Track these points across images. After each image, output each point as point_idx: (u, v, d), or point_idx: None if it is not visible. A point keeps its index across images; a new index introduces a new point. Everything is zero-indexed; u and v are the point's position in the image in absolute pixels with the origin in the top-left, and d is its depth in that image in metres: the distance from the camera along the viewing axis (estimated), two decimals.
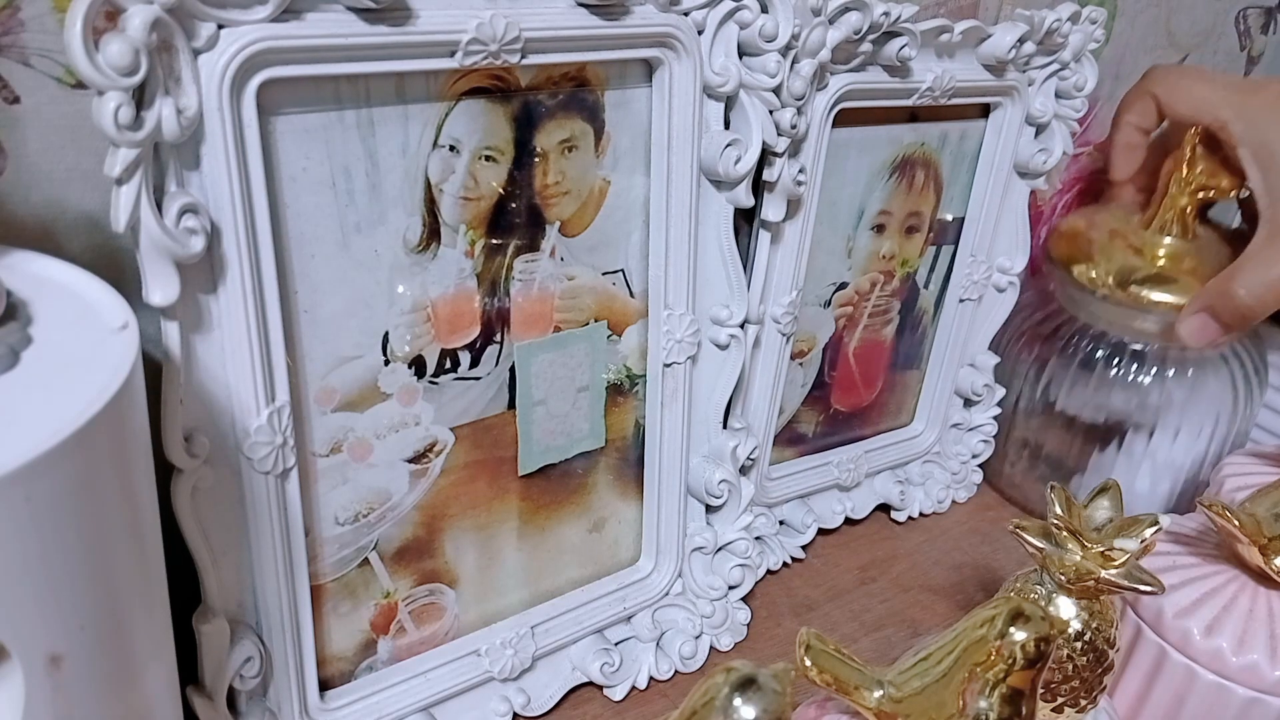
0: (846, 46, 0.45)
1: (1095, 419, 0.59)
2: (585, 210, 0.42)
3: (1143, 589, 0.37)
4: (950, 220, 0.58)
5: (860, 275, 0.56)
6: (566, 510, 0.47)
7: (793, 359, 0.55)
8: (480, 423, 0.42)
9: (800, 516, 0.57)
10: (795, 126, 0.44)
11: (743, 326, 0.47)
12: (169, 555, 0.30)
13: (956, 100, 0.52)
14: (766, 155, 0.44)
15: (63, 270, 0.29)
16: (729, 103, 0.43)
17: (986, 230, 0.58)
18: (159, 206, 0.30)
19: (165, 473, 0.33)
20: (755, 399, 0.52)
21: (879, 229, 0.55)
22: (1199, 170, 0.55)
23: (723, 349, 0.47)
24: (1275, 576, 0.42)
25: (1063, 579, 0.38)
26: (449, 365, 0.40)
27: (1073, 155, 0.61)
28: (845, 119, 0.48)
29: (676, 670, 0.49)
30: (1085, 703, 0.39)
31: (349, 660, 0.42)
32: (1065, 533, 0.38)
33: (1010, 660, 0.29)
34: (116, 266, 0.35)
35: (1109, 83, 0.67)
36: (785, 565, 0.57)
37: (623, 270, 0.44)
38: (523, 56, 0.36)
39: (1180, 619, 0.42)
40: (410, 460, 0.41)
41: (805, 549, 0.58)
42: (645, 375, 0.47)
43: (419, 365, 0.40)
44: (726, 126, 0.43)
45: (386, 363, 0.39)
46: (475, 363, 0.41)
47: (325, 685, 0.41)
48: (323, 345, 0.37)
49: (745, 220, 0.48)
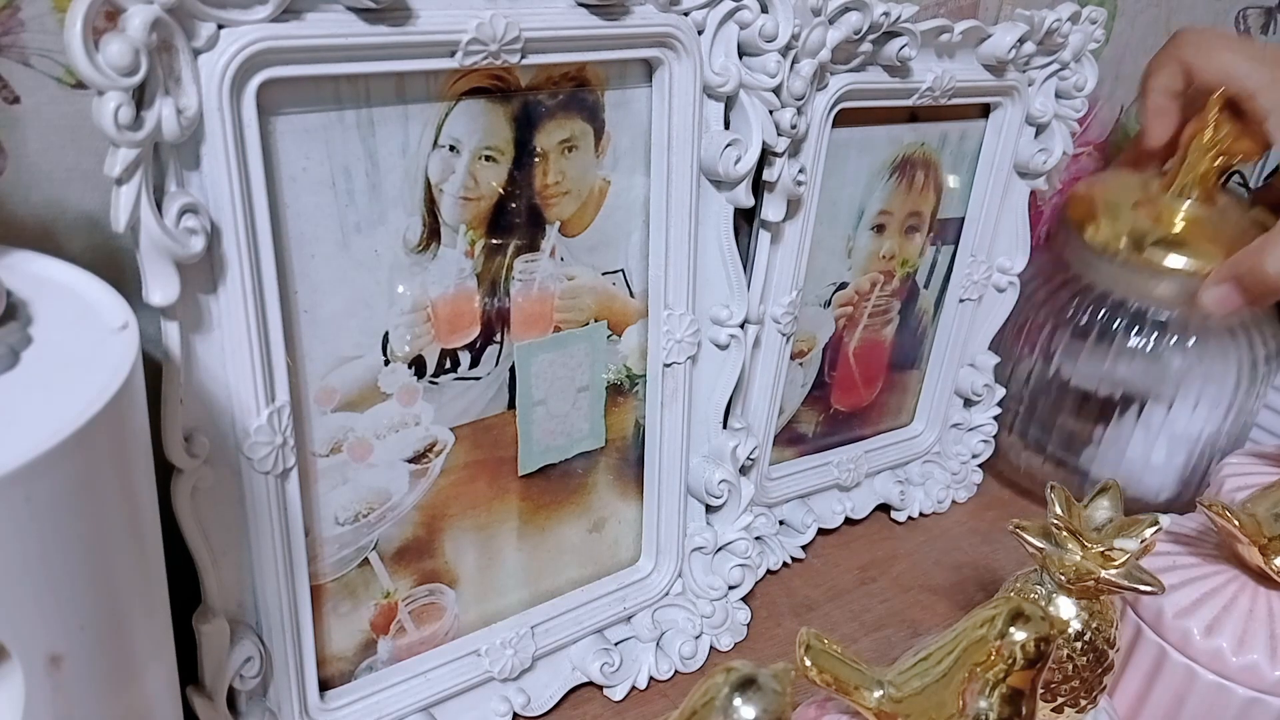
0: (846, 46, 0.45)
1: (1103, 390, 0.58)
2: (585, 210, 0.42)
3: (1143, 589, 0.37)
4: (950, 219, 0.58)
5: (860, 275, 0.56)
6: (566, 510, 0.47)
7: (793, 359, 0.55)
8: (480, 423, 0.42)
9: (800, 516, 0.57)
10: (795, 126, 0.44)
11: (743, 326, 0.47)
12: (169, 555, 0.30)
13: (956, 100, 0.52)
14: (766, 155, 0.44)
15: (63, 270, 0.29)
16: (729, 103, 0.43)
17: (986, 230, 0.58)
18: (159, 206, 0.30)
19: (165, 473, 0.33)
20: (755, 399, 0.52)
21: (879, 229, 0.55)
22: (1222, 135, 0.54)
23: (723, 349, 0.47)
24: (1275, 576, 0.42)
25: (1063, 579, 0.38)
26: (449, 365, 0.40)
27: (1073, 155, 0.60)
28: (845, 119, 0.48)
29: (676, 670, 0.49)
30: (1085, 703, 0.39)
31: (349, 660, 0.42)
32: (1065, 533, 0.38)
33: (1010, 660, 0.29)
34: (116, 266, 0.35)
35: (1109, 83, 0.67)
36: (785, 565, 0.57)
37: (623, 270, 0.44)
38: (523, 56, 0.36)
39: (1180, 619, 0.42)
40: (410, 460, 0.41)
41: (805, 549, 0.58)
42: (645, 375, 0.47)
43: (419, 365, 0.40)
44: (726, 126, 0.43)
45: (386, 363, 0.39)
46: (475, 363, 0.41)
47: (325, 685, 0.41)
48: (323, 345, 0.37)
49: (745, 220, 0.48)
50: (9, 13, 0.32)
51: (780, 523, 0.57)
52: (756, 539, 0.52)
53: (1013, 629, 0.29)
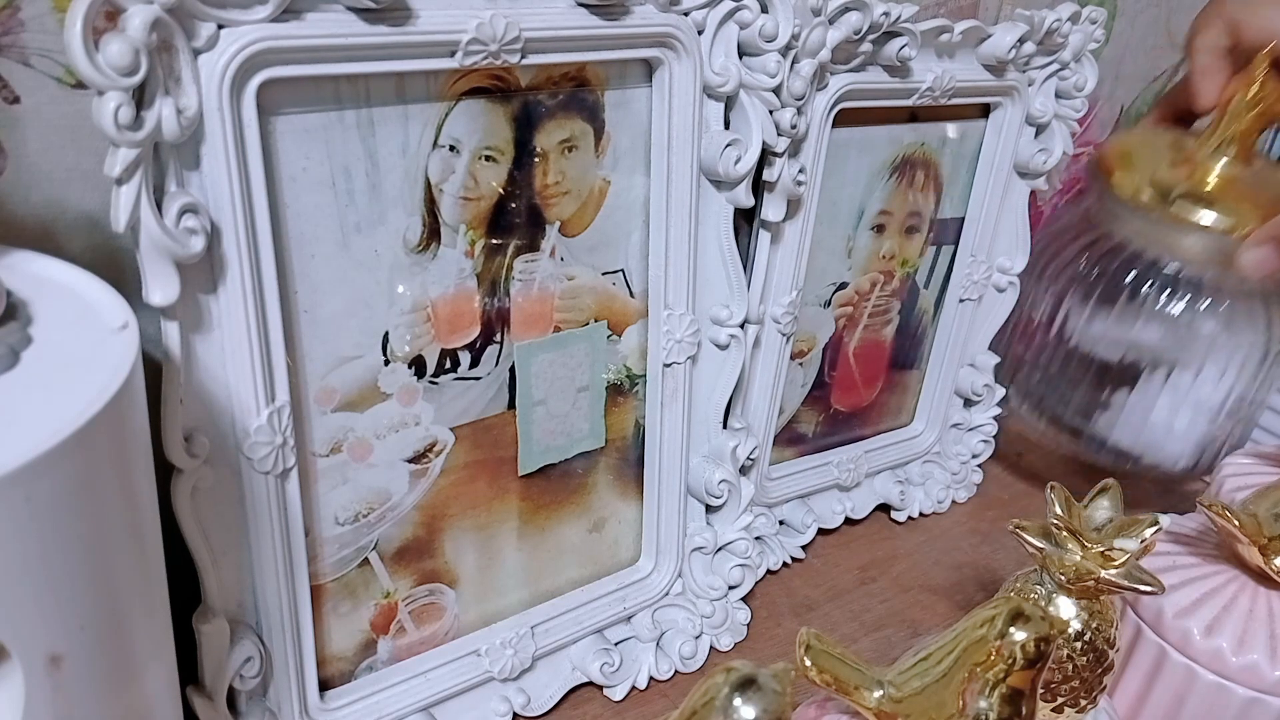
0: (846, 46, 0.45)
1: (1129, 355, 0.57)
2: (585, 210, 0.42)
3: (1143, 589, 0.37)
4: (950, 219, 0.58)
5: (860, 275, 0.56)
6: (566, 510, 0.47)
7: (793, 359, 0.55)
8: (480, 423, 0.42)
9: (800, 516, 0.57)
10: (795, 126, 0.44)
11: (743, 326, 0.47)
12: (169, 555, 0.30)
13: (956, 100, 0.52)
14: (766, 155, 0.44)
15: (63, 270, 0.29)
16: (729, 103, 0.43)
17: (986, 230, 0.58)
18: (159, 206, 0.30)
19: (165, 473, 0.33)
20: (755, 399, 0.52)
21: (879, 229, 0.55)
22: (1265, 93, 0.53)
23: (723, 349, 0.47)
24: (1275, 576, 0.42)
25: (1063, 579, 0.38)
26: (449, 365, 0.40)
27: (1073, 155, 0.60)
28: (845, 119, 0.48)
29: (676, 670, 0.49)
30: (1085, 703, 0.39)
31: (349, 660, 0.42)
32: (1065, 533, 0.38)
33: (1010, 660, 0.29)
34: (116, 266, 0.35)
35: (1109, 83, 0.67)
36: (785, 565, 0.57)
37: (623, 270, 0.44)
38: (523, 56, 0.36)
39: (1180, 619, 0.42)
40: (410, 460, 0.41)
41: (805, 549, 0.58)
42: (645, 375, 0.47)
43: (419, 365, 0.40)
44: (726, 126, 0.43)
45: (386, 363, 0.39)
46: (475, 363, 0.41)
47: (325, 685, 0.41)
48: (323, 345, 0.37)
49: (745, 220, 0.48)
50: (9, 13, 0.32)
51: (780, 523, 0.57)
52: (756, 539, 0.52)
53: (1013, 629, 0.29)
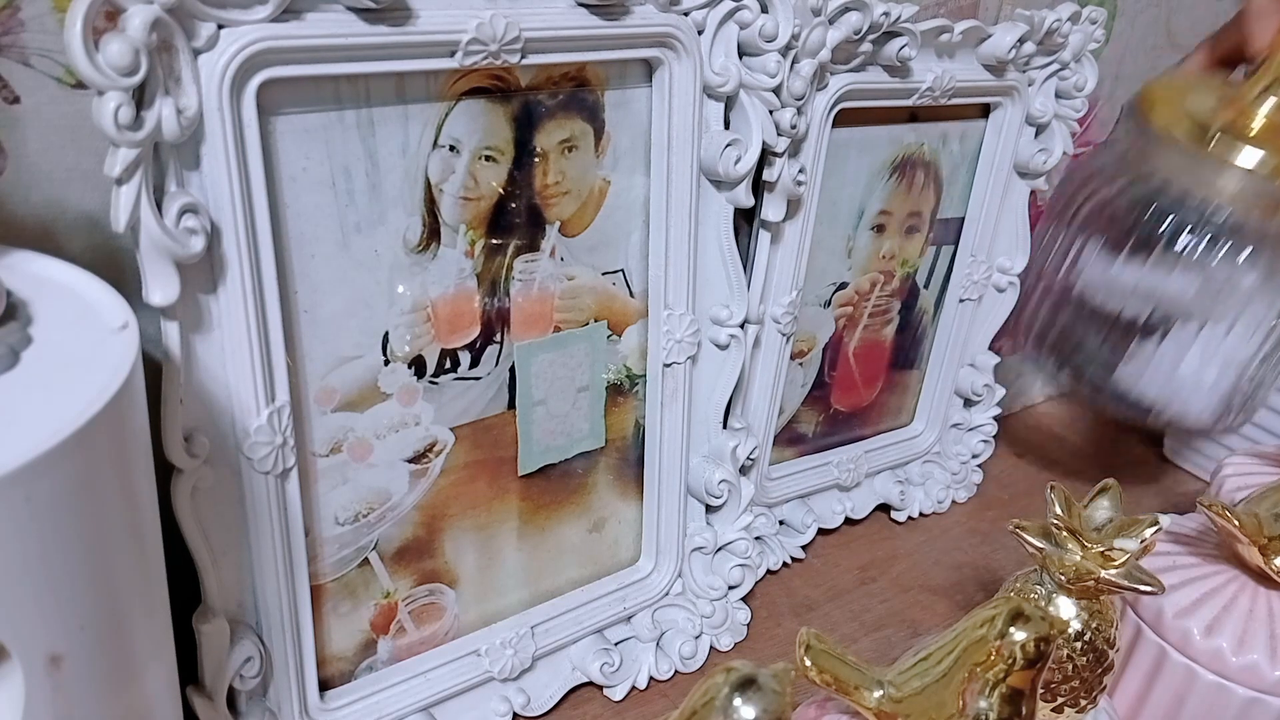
0: (846, 46, 0.45)
1: (1161, 306, 0.54)
2: (585, 210, 0.42)
3: (1143, 589, 0.37)
4: (950, 219, 0.58)
5: (860, 275, 0.56)
6: (566, 510, 0.47)
7: (793, 359, 0.55)
8: (480, 423, 0.42)
9: (800, 516, 0.57)
10: (795, 126, 0.44)
11: (743, 326, 0.47)
12: (169, 555, 0.30)
13: (956, 100, 0.52)
14: (766, 155, 0.44)
15: (63, 270, 0.29)
16: (729, 103, 0.43)
17: (986, 230, 0.58)
18: (159, 206, 0.30)
19: (165, 473, 0.33)
20: (755, 399, 0.52)
21: (879, 229, 0.55)
22: None
23: (723, 349, 0.47)
24: (1275, 576, 0.42)
25: (1063, 579, 0.38)
26: (449, 365, 0.40)
27: (1073, 155, 0.60)
28: (845, 119, 0.48)
29: (676, 670, 0.49)
30: (1085, 703, 0.39)
31: (349, 660, 0.42)
32: (1065, 533, 0.38)
33: (1010, 660, 0.29)
34: (116, 266, 0.35)
35: (1109, 83, 0.67)
36: (785, 565, 0.57)
37: (623, 270, 0.44)
38: (523, 56, 0.36)
39: (1180, 619, 0.42)
40: (410, 460, 0.41)
41: (805, 549, 0.58)
42: (645, 375, 0.47)
43: (419, 365, 0.40)
44: (726, 126, 0.43)
45: (386, 363, 0.39)
46: (475, 363, 0.41)
47: (325, 685, 0.41)
48: (323, 345, 0.37)
49: (745, 220, 0.48)
50: (9, 13, 0.32)
51: (780, 523, 0.57)
52: (756, 539, 0.52)
53: (1013, 629, 0.29)
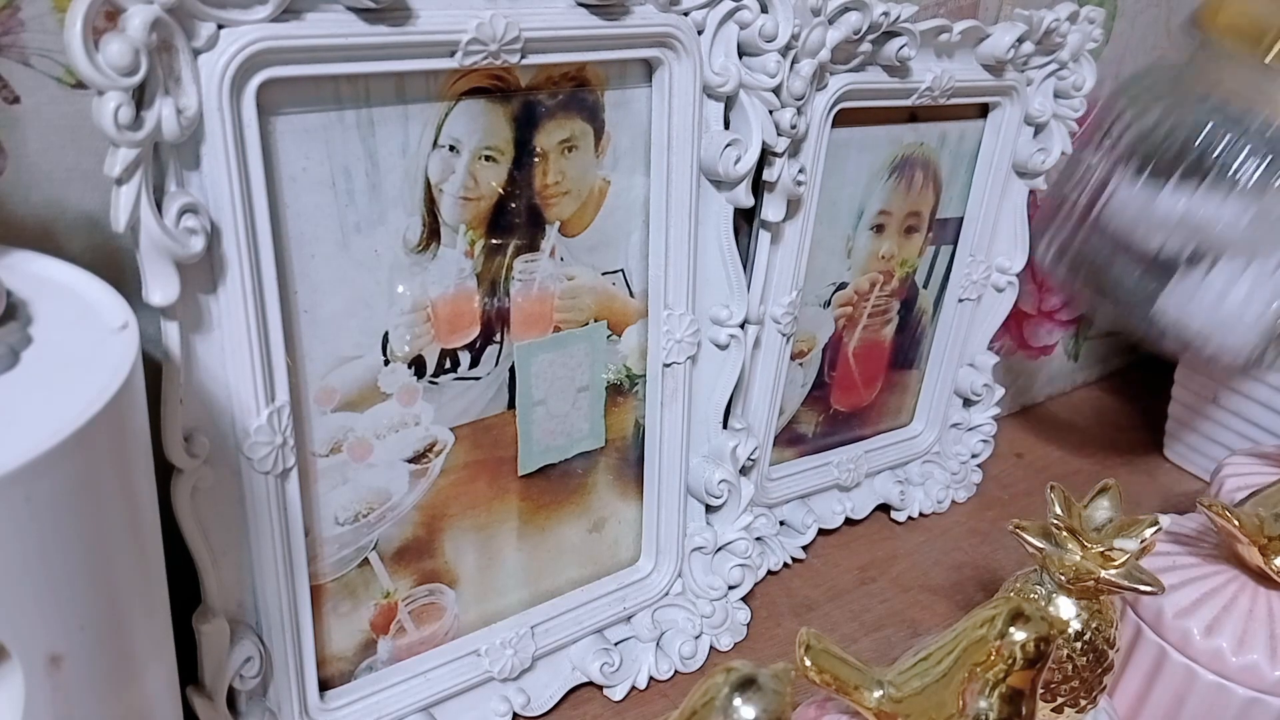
0: (846, 46, 0.45)
1: (1195, 233, 0.51)
2: (585, 210, 0.42)
3: (1143, 589, 0.37)
4: (949, 219, 0.58)
5: (860, 275, 0.56)
6: (566, 510, 0.47)
7: (793, 359, 0.55)
8: (480, 423, 0.42)
9: (800, 517, 0.57)
10: (795, 126, 0.44)
11: (743, 326, 0.47)
12: (169, 555, 0.30)
13: (955, 100, 0.52)
14: (766, 155, 0.44)
15: (63, 270, 0.29)
16: (729, 103, 0.43)
17: (985, 230, 0.58)
18: (159, 206, 0.30)
19: (165, 473, 0.33)
20: (755, 399, 0.52)
21: (878, 229, 0.55)
22: None
23: (723, 349, 0.47)
24: (1275, 576, 0.42)
25: (1063, 579, 0.38)
26: (449, 365, 0.40)
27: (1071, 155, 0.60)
28: (845, 119, 0.48)
29: (676, 670, 0.49)
30: (1085, 703, 0.39)
31: (349, 660, 0.42)
32: (1065, 533, 0.38)
33: (1010, 660, 0.29)
34: (116, 266, 0.35)
35: (1109, 83, 0.67)
36: (785, 566, 0.57)
37: (623, 270, 0.44)
38: (523, 56, 0.36)
39: (1180, 619, 0.42)
40: (410, 460, 0.41)
41: (805, 549, 0.58)
42: (645, 375, 0.47)
43: (419, 365, 0.40)
44: (726, 126, 0.43)
45: (386, 363, 0.39)
46: (475, 363, 0.41)
47: (325, 685, 0.41)
48: (323, 345, 0.37)
49: (745, 220, 0.48)
50: (9, 13, 0.32)
51: (780, 523, 0.57)
52: (757, 539, 0.52)
53: (1013, 629, 0.29)
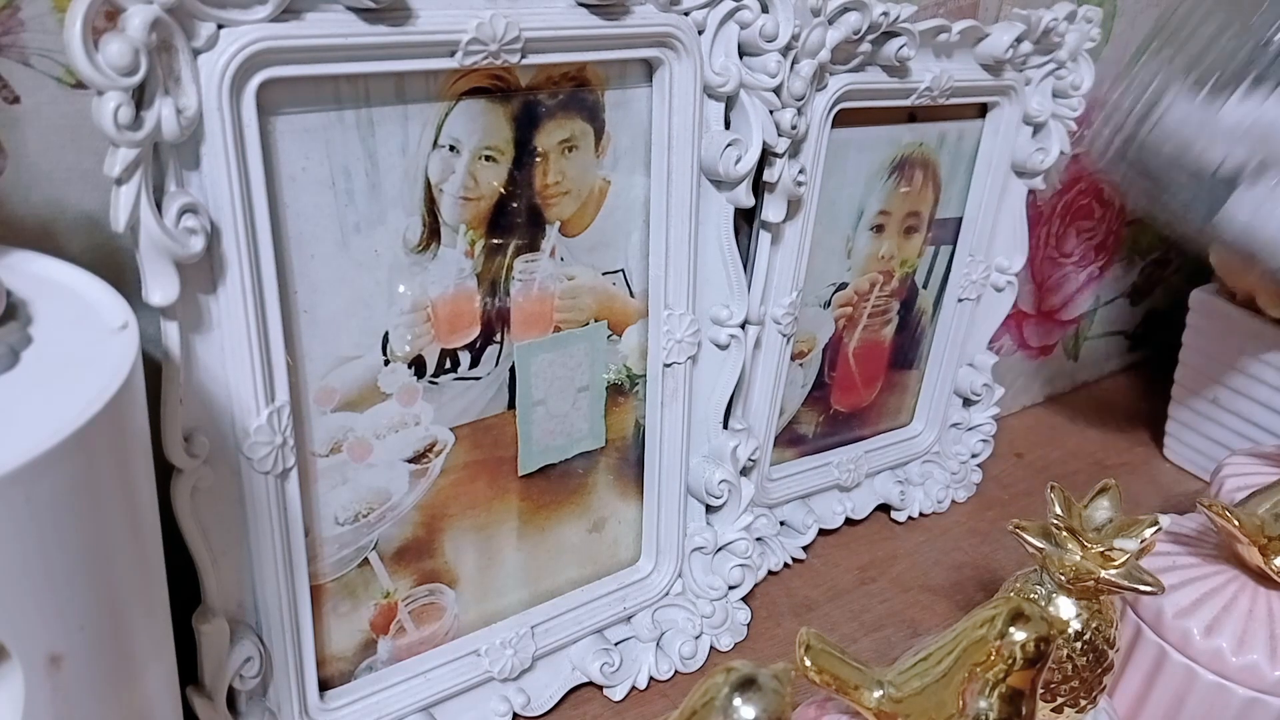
0: (846, 47, 0.45)
1: (1252, 149, 0.48)
2: (585, 210, 0.42)
3: (1143, 589, 0.37)
4: (948, 219, 0.58)
5: (860, 276, 0.56)
6: (566, 510, 0.47)
7: (793, 359, 0.55)
8: (480, 423, 0.42)
9: (801, 517, 0.57)
10: (795, 127, 0.44)
11: (743, 327, 0.47)
12: (169, 555, 0.30)
13: (954, 100, 0.52)
14: (766, 155, 0.44)
15: (63, 270, 0.29)
16: (729, 103, 0.43)
17: (984, 230, 0.58)
18: (159, 206, 0.30)
19: (165, 473, 0.33)
20: (755, 399, 0.52)
21: (878, 229, 0.55)
22: None
23: (723, 349, 0.47)
24: (1275, 576, 0.42)
25: (1063, 579, 0.38)
26: (449, 365, 0.40)
27: (1073, 155, 0.60)
28: (845, 119, 0.48)
29: (676, 670, 0.49)
30: (1085, 703, 0.39)
31: (349, 660, 0.42)
32: (1065, 533, 0.38)
33: (1010, 660, 0.29)
34: (116, 266, 0.35)
35: (1109, 82, 0.67)
36: (786, 566, 0.57)
37: (623, 270, 0.44)
38: (523, 56, 0.36)
39: (1180, 619, 0.42)
40: (410, 460, 0.41)
41: (806, 549, 0.58)
42: (645, 375, 0.47)
43: (419, 365, 0.40)
44: (727, 126, 0.43)
45: (386, 363, 0.39)
46: (475, 363, 0.41)
47: (325, 685, 0.41)
48: (322, 345, 0.37)
49: (745, 220, 0.48)
50: (9, 13, 0.32)
51: (781, 523, 0.57)
52: (757, 539, 0.52)
53: (1013, 629, 0.29)
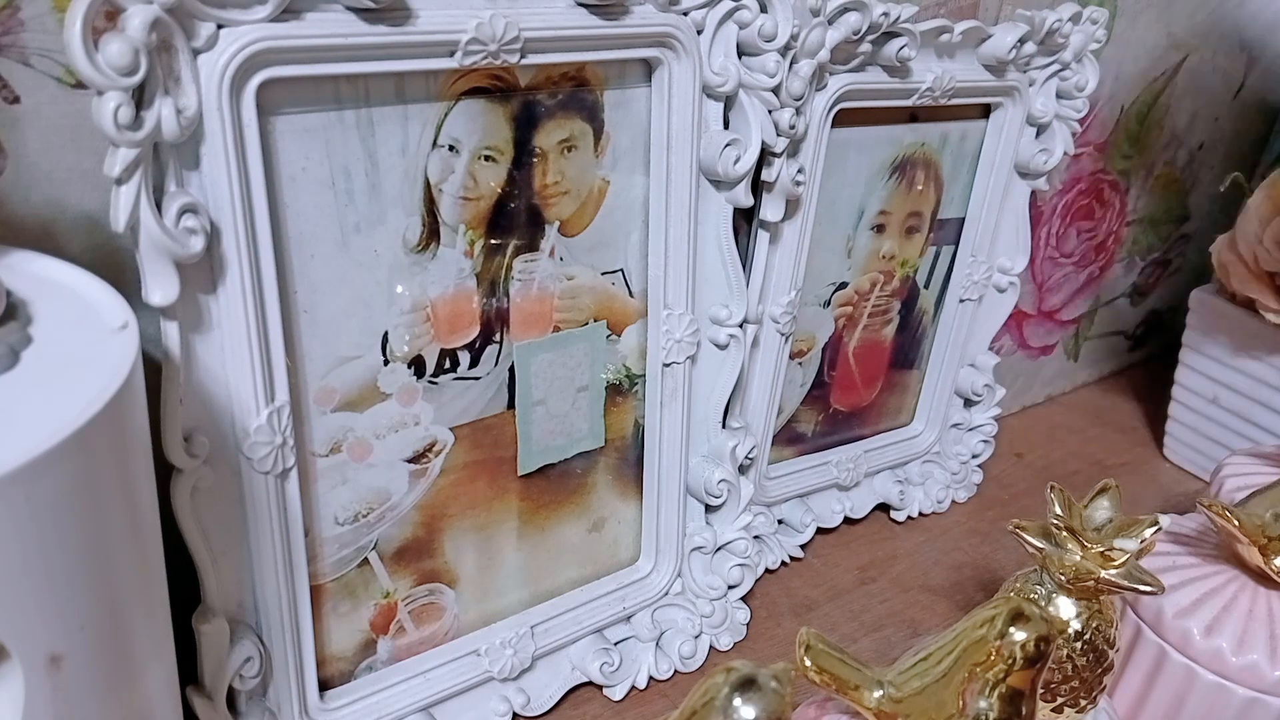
0: (846, 47, 0.45)
1: None
2: (585, 210, 0.42)
3: (1143, 589, 0.37)
4: (950, 219, 0.58)
5: (860, 275, 0.56)
6: (566, 510, 0.47)
7: (792, 358, 0.55)
8: (480, 423, 0.42)
9: (799, 516, 0.57)
10: (794, 126, 0.44)
11: (742, 326, 0.47)
12: (169, 555, 0.30)
13: (957, 100, 0.52)
14: (765, 155, 0.44)
15: (63, 270, 0.29)
16: (728, 102, 0.43)
17: (987, 230, 0.58)
18: (159, 206, 0.30)
19: (165, 473, 0.33)
20: (754, 398, 0.52)
21: (879, 229, 0.55)
22: None
23: (722, 349, 0.47)
24: (1275, 576, 0.42)
25: (1063, 579, 0.38)
26: (448, 365, 0.40)
27: (1073, 155, 0.60)
28: (845, 119, 0.48)
29: (676, 670, 0.49)
30: (1085, 703, 0.39)
31: (349, 660, 0.42)
32: (1065, 533, 0.38)
33: (1010, 660, 0.29)
34: (116, 266, 0.35)
35: (1109, 83, 0.67)
36: (784, 564, 0.57)
37: (622, 270, 0.44)
38: (522, 56, 0.36)
39: (1180, 619, 0.42)
40: (410, 460, 0.41)
41: (804, 548, 0.58)
42: (644, 375, 0.47)
43: (418, 365, 0.40)
44: (726, 126, 0.43)
45: (386, 363, 0.39)
46: (475, 362, 0.41)
47: (325, 685, 0.41)
48: (322, 345, 0.37)
49: (744, 220, 0.48)
50: (9, 13, 0.32)
51: (779, 522, 0.57)
52: (755, 538, 0.52)
53: (1013, 629, 0.29)
